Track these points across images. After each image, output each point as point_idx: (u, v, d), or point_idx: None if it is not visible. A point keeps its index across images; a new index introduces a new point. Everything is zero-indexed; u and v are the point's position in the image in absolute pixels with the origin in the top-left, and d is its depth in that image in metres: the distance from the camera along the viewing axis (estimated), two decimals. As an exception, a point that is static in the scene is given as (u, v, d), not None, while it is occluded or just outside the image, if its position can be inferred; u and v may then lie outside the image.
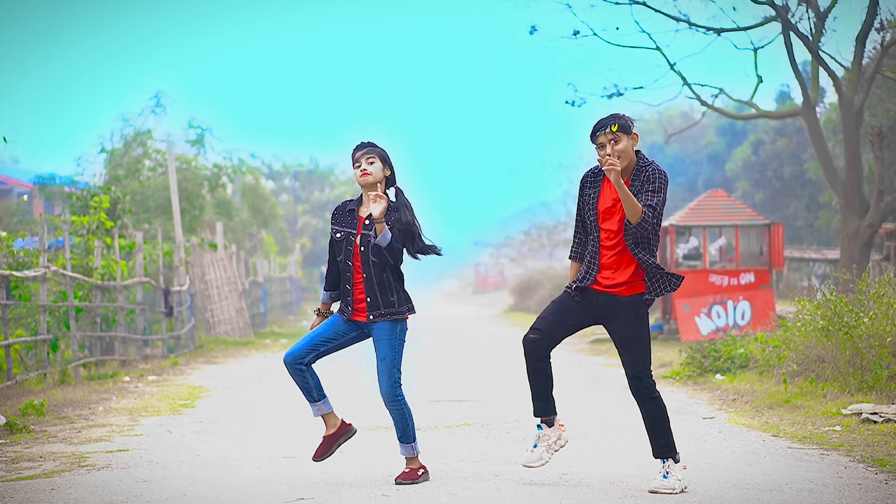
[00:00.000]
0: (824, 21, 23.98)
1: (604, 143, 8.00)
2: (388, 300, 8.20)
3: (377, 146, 8.32)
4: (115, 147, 34.92)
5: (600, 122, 8.06)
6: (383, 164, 8.28)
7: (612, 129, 7.99)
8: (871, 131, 24.08)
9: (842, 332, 13.65)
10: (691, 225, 25.25)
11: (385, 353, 8.22)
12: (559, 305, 8.19)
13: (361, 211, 8.32)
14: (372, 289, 8.17)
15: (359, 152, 8.28)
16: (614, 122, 8.00)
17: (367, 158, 8.24)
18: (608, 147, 7.99)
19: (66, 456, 9.95)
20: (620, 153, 7.99)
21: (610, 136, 8.00)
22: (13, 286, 15.75)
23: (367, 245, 8.16)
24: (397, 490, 7.95)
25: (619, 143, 8.00)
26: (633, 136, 8.07)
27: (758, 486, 8.10)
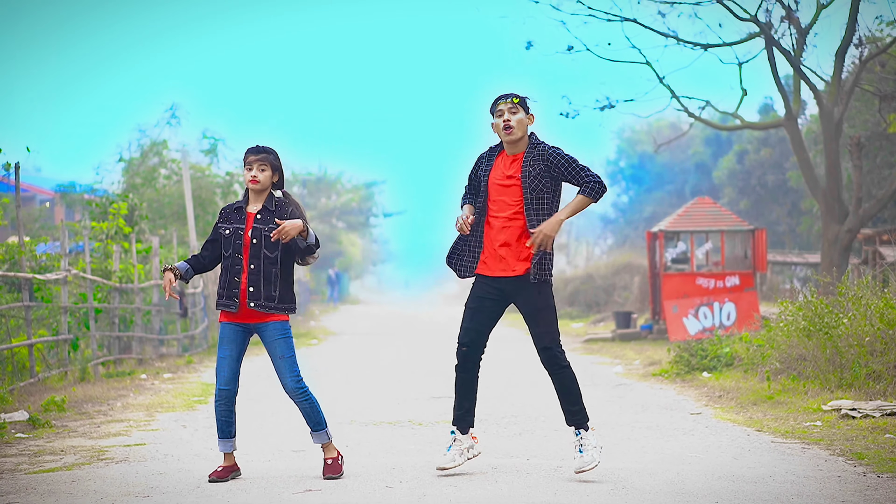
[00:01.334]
0: (805, 37, 24.00)
1: (503, 110, 8.13)
2: (270, 294, 8.12)
3: (270, 152, 8.25)
4: (133, 156, 34.94)
5: (503, 94, 8.20)
6: (273, 171, 8.22)
7: (514, 101, 8.13)
8: (850, 142, 24.10)
9: (822, 333, 13.64)
10: (679, 230, 25.26)
11: (283, 351, 8.18)
12: (473, 311, 8.23)
13: (250, 208, 8.24)
14: (257, 280, 8.10)
15: (252, 156, 8.19)
16: (516, 96, 8.15)
17: (259, 165, 8.18)
18: (506, 114, 8.09)
19: (86, 450, 9.95)
20: (517, 123, 8.10)
21: (510, 105, 8.13)
22: (36, 288, 15.75)
23: (259, 238, 8.10)
24: (400, 482, 7.95)
25: (517, 114, 8.13)
26: (530, 115, 8.20)
27: (743, 478, 8.10)
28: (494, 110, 8.21)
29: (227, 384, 8.16)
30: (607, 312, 36.33)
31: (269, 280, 8.13)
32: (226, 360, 8.17)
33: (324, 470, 8.24)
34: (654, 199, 58.28)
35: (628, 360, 20.55)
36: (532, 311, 8.13)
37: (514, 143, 8.18)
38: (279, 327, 8.18)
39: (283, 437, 10.61)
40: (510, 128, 8.10)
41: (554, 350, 8.10)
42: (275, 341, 8.18)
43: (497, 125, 8.18)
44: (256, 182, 8.17)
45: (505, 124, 8.11)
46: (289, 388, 8.19)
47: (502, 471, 8.39)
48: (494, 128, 8.23)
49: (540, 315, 8.12)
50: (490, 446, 9.90)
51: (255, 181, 8.17)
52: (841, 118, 23.73)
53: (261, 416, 12.32)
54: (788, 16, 23.80)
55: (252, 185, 8.19)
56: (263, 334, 8.21)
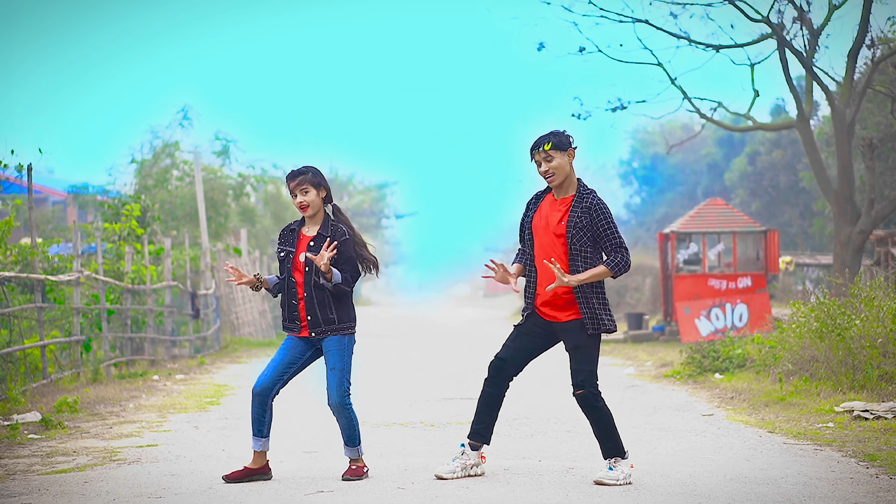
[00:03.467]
0: (818, 38, 23.96)
1: (539, 161, 8.00)
2: (328, 317, 8.10)
3: (307, 171, 8.17)
4: (145, 158, 34.98)
5: (537, 140, 8.04)
6: (317, 189, 8.14)
7: (545, 148, 7.96)
8: (863, 143, 24.05)
9: (834, 334, 13.62)
10: (691, 231, 25.23)
11: (335, 363, 8.15)
12: (521, 333, 8.18)
13: (304, 231, 8.23)
14: (313, 308, 8.09)
15: (292, 183, 8.14)
16: (547, 141, 7.96)
17: (300, 189, 8.12)
18: (543, 165, 7.98)
19: (99, 451, 9.97)
20: (555, 170, 7.96)
21: (543, 154, 7.98)
22: (48, 290, 15.78)
23: (310, 265, 8.07)
24: (412, 483, 7.95)
25: (553, 160, 7.96)
26: (569, 152, 8.01)
27: (755, 479, 8.09)
28: (533, 160, 8.07)
29: (263, 385, 8.16)
30: (619, 314, 36.29)
31: (323, 305, 8.11)
32: (274, 363, 8.20)
33: (345, 471, 8.23)
34: (667, 201, 58.23)
35: (640, 361, 20.54)
36: (572, 346, 8.04)
37: (560, 187, 8.06)
38: (337, 340, 8.14)
39: (296, 438, 10.62)
40: (551, 175, 7.98)
41: (588, 389, 8.00)
42: (329, 352, 8.17)
43: (541, 173, 8.05)
44: (306, 208, 8.12)
45: (545, 174, 7.99)
46: (331, 401, 8.17)
47: (514, 472, 8.39)
48: (540, 174, 8.10)
49: (579, 351, 8.03)
50: (502, 447, 9.89)
51: (305, 208, 8.12)
52: (853, 119, 23.68)
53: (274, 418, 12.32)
54: (800, 17, 23.76)
55: (303, 213, 8.16)
56: (325, 344, 8.19)
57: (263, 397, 8.19)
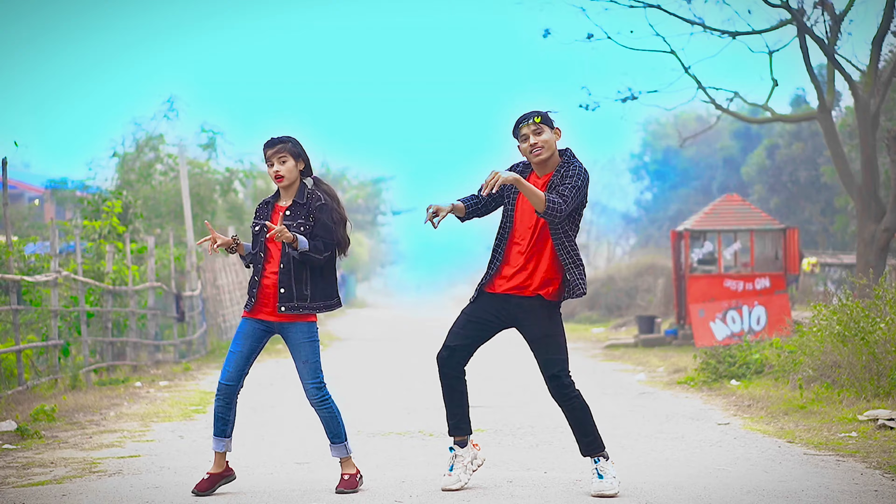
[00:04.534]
0: (840, 24, 23.97)
1: (527, 134, 8.02)
2: (303, 293, 8.06)
3: (288, 140, 8.14)
4: (127, 152, 35.02)
5: (523, 115, 8.08)
6: (295, 159, 8.12)
7: (536, 120, 8.01)
8: (888, 135, 24.03)
9: (858, 338, 13.63)
10: (706, 229, 25.24)
11: (307, 355, 8.13)
12: (468, 319, 8.17)
13: (280, 202, 8.20)
14: (288, 281, 8.02)
15: (269, 150, 8.12)
16: (537, 114, 8.03)
17: (278, 157, 8.10)
18: (531, 138, 8.01)
19: (78, 462, 9.97)
20: (544, 143, 8.00)
21: (533, 126, 8.02)
22: (24, 291, 15.78)
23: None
24: (410, 496, 7.95)
25: (542, 133, 8.02)
26: (555, 130, 8.08)
27: (773, 492, 8.09)
28: (518, 134, 8.08)
29: (231, 380, 8.14)
30: (629, 316, 36.33)
31: (300, 279, 8.06)
32: (235, 355, 8.14)
33: (338, 484, 8.21)
34: (680, 197, 58.25)
35: (652, 367, 20.55)
36: (539, 335, 8.05)
37: (544, 164, 8.10)
38: (306, 330, 8.13)
39: (287, 448, 10.62)
40: (539, 149, 8.02)
41: (563, 379, 8.03)
42: (300, 344, 8.14)
43: (524, 149, 8.06)
44: (281, 178, 8.10)
45: (532, 147, 8.02)
46: (309, 394, 8.17)
47: (518, 484, 8.39)
48: (522, 152, 8.11)
49: (548, 340, 8.05)
50: (506, 458, 9.90)
51: (280, 178, 8.10)
52: (878, 110, 23.69)
53: (264, 427, 12.34)
54: (822, 2, 23.78)
55: (278, 183, 8.13)
56: (288, 336, 8.15)
57: (231, 392, 8.16)
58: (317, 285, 8.13)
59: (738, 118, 29.42)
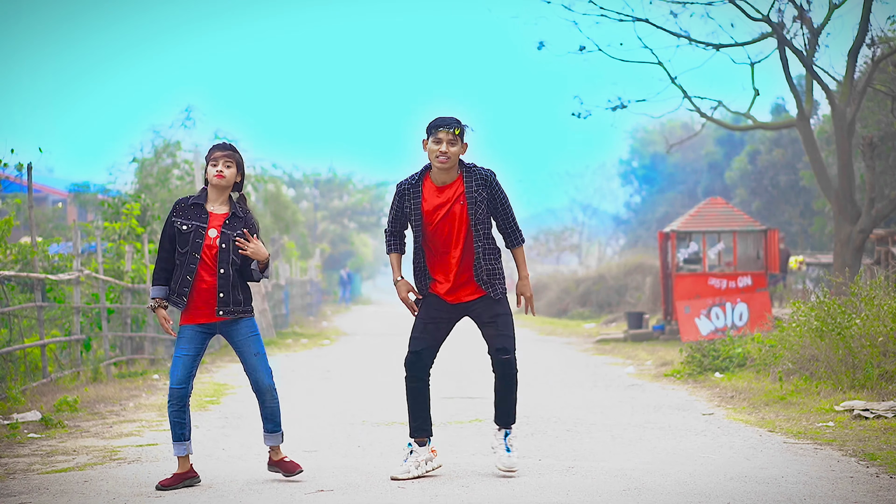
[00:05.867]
0: (818, 37, 23.95)
1: (442, 139, 7.99)
2: (237, 298, 8.10)
3: (237, 151, 8.21)
4: (146, 157, 35.00)
5: (445, 118, 8.06)
6: (238, 169, 8.17)
7: (455, 132, 8.00)
8: (863, 142, 24.02)
9: (835, 333, 13.62)
10: (691, 231, 25.23)
11: (257, 347, 8.17)
12: (425, 324, 8.22)
13: (210, 207, 8.17)
14: (226, 286, 8.05)
15: (219, 152, 8.13)
16: (458, 125, 8.02)
17: (225, 161, 8.11)
18: (444, 145, 7.99)
19: (99, 450, 9.97)
20: (452, 155, 8.01)
21: (451, 136, 8.01)
22: (48, 289, 15.78)
23: (228, 243, 8.05)
24: (412, 482, 7.95)
25: (455, 145, 8.03)
26: (464, 145, 8.11)
27: (755, 478, 8.09)
28: (432, 134, 8.04)
29: (181, 383, 8.08)
30: (619, 313, 36.31)
31: (236, 286, 8.11)
32: (181, 359, 8.08)
33: (285, 469, 8.19)
34: (667, 200, 58.21)
35: (640, 360, 20.54)
36: (490, 316, 8.14)
37: (446, 173, 8.10)
38: (249, 325, 8.18)
39: (295, 437, 10.61)
40: (446, 158, 8.00)
41: (512, 353, 8.14)
42: (247, 339, 8.16)
43: (432, 150, 8.04)
44: (222, 177, 8.09)
45: (440, 154, 8.00)
46: (264, 385, 8.17)
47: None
48: (428, 151, 8.08)
49: (499, 319, 8.15)
50: (502, 447, 9.89)
51: (221, 176, 8.09)
52: (853, 118, 23.67)
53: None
54: (801, 16, 23.74)
55: (217, 181, 8.09)
56: (233, 333, 8.14)
57: (183, 395, 8.11)
58: (246, 291, 8.20)
59: (722, 126, 29.37)
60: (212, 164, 8.14)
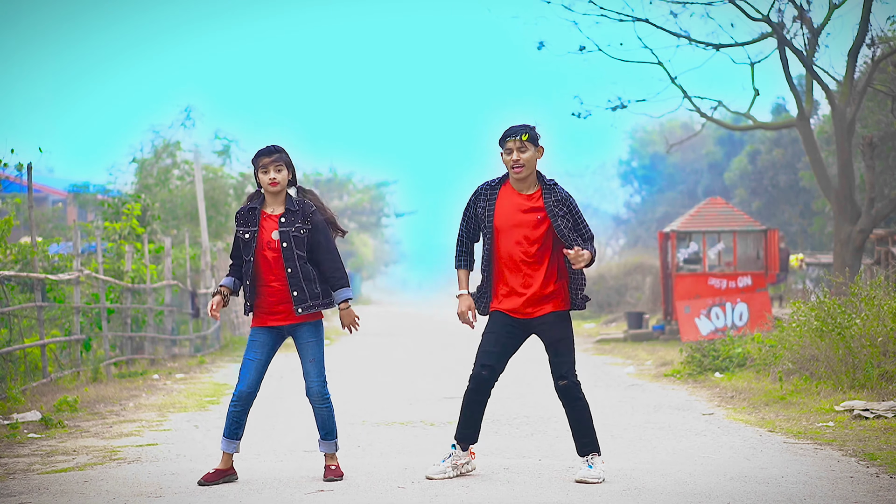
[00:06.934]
0: (818, 37, 23.95)
1: (512, 148, 7.97)
2: (314, 292, 8.08)
3: (282, 151, 8.17)
4: (146, 157, 35.00)
5: (512, 127, 8.02)
6: (288, 169, 8.15)
7: (523, 138, 7.96)
8: (863, 142, 24.03)
9: (835, 333, 13.62)
10: (691, 230, 25.23)
11: (315, 353, 8.13)
12: (496, 335, 8.11)
13: (267, 209, 8.16)
14: (298, 283, 8.04)
15: (266, 158, 8.09)
16: (525, 131, 7.97)
17: (275, 166, 8.09)
18: (515, 153, 7.96)
19: (99, 450, 9.97)
20: (526, 162, 7.97)
21: (519, 143, 7.97)
22: (48, 289, 15.77)
23: (289, 241, 8.04)
24: (412, 482, 7.95)
25: (526, 151, 7.97)
26: (539, 148, 8.04)
27: (755, 478, 8.09)
28: (503, 145, 8.03)
29: (250, 387, 8.09)
30: (619, 313, 36.29)
31: (308, 279, 8.08)
32: (253, 363, 8.11)
33: (325, 473, 8.19)
34: (667, 200, 58.20)
35: (640, 360, 20.54)
36: (552, 340, 8.06)
37: (523, 180, 8.07)
38: (313, 330, 8.15)
39: (296, 437, 10.61)
40: (521, 166, 7.98)
41: (572, 380, 8.02)
42: (307, 343, 8.14)
43: (507, 161, 8.02)
44: (277, 184, 8.07)
45: (514, 163, 7.98)
46: (314, 392, 8.14)
47: (514, 471, 8.39)
48: (504, 161, 8.06)
49: (560, 344, 8.05)
50: (502, 447, 9.90)
51: (276, 183, 8.07)
52: (853, 118, 23.67)
53: (273, 416, 12.33)
54: (801, 16, 23.75)
55: (272, 188, 8.08)
56: (297, 335, 8.15)
57: (249, 399, 8.13)
58: (323, 284, 8.16)
59: (722, 126, 29.38)
60: (262, 172, 8.11)
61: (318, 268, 8.15)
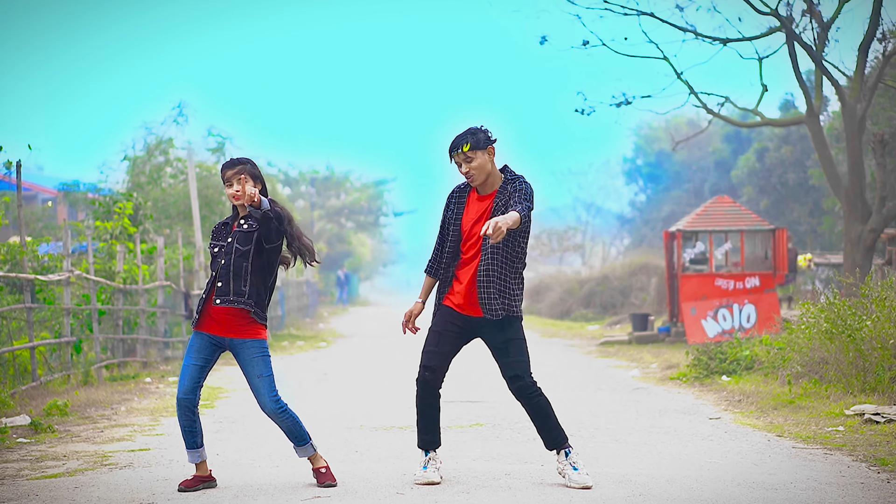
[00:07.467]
0: (828, 31, 23.94)
1: (459, 162, 8.00)
2: (240, 289, 8.00)
3: (246, 163, 8.11)
4: (138, 155, 35.01)
5: (454, 141, 8.03)
6: (254, 180, 8.07)
7: (464, 149, 7.96)
8: (874, 139, 24.03)
9: (845, 335, 13.62)
10: (698, 230, 25.22)
11: (261, 369, 8.05)
12: (440, 335, 8.14)
13: (237, 224, 8.14)
14: (226, 275, 8.00)
15: (230, 171, 8.07)
16: (465, 142, 7.96)
17: (237, 178, 8.05)
18: (463, 166, 7.99)
19: (90, 455, 9.97)
20: (476, 170, 7.97)
21: (462, 155, 7.98)
22: (38, 290, 15.78)
23: (233, 236, 8.03)
24: (411, 489, 7.95)
25: (473, 160, 7.97)
26: (488, 149, 8.02)
27: (763, 484, 8.09)
28: (451, 160, 8.07)
29: (188, 393, 8.06)
30: (624, 314, 36.31)
31: (238, 274, 8.02)
32: (189, 368, 8.06)
33: (319, 479, 8.19)
34: (672, 198, 58.21)
35: (645, 363, 20.54)
36: (501, 342, 8.06)
37: (483, 185, 8.07)
38: (257, 345, 8.08)
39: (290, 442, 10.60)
40: (471, 176, 7.99)
41: (526, 379, 8.05)
42: (253, 359, 8.06)
43: (461, 172, 8.06)
44: (239, 197, 8.05)
45: (465, 175, 8.01)
46: (269, 409, 8.09)
47: (516, 477, 8.39)
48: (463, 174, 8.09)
49: (510, 345, 8.06)
50: (504, 452, 9.90)
51: (238, 196, 8.06)
52: (864, 115, 23.67)
53: (267, 422, 12.32)
54: (810, 9, 23.75)
55: (235, 201, 8.09)
56: (240, 351, 8.08)
57: (191, 405, 8.09)
58: (254, 287, 8.07)
59: (729, 122, 29.39)
60: (227, 186, 8.10)
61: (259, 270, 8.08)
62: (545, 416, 8.10)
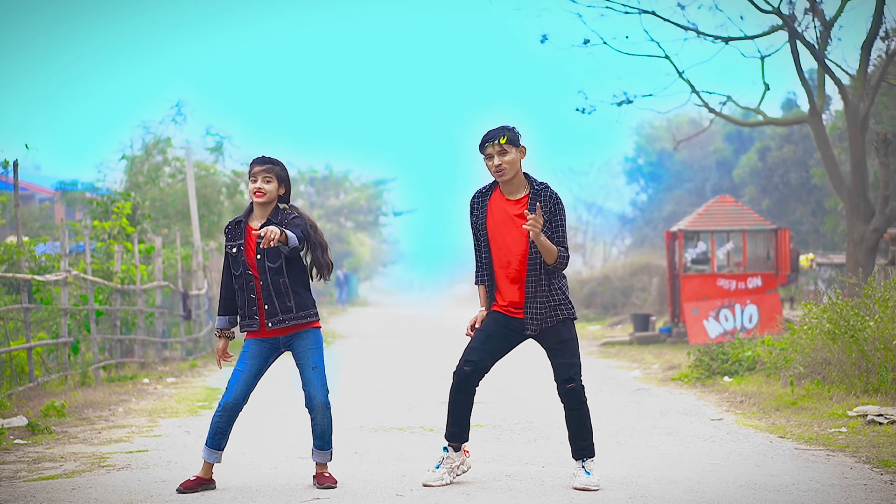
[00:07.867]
0: (830, 30, 23.95)
1: (492, 153, 7.99)
2: (286, 305, 8.01)
3: (277, 163, 8.10)
4: (136, 154, 35.00)
5: (489, 132, 8.03)
6: (279, 183, 8.06)
7: (501, 141, 7.98)
8: (877, 138, 24.03)
9: (847, 336, 13.62)
10: (699, 230, 25.23)
11: (316, 361, 8.10)
12: (487, 334, 8.13)
13: (251, 223, 8.12)
14: (269, 296, 8.00)
15: (258, 167, 8.05)
16: (503, 134, 7.99)
17: (264, 176, 8.02)
18: (496, 158, 7.98)
19: (87, 456, 9.96)
20: (508, 164, 7.98)
21: (498, 147, 7.98)
22: (35, 290, 15.77)
23: (262, 252, 7.98)
24: (411, 490, 7.95)
25: (507, 154, 7.98)
26: (520, 148, 8.05)
27: (765, 486, 8.09)
28: (483, 152, 8.06)
29: (237, 399, 8.10)
30: (625, 315, 36.29)
31: (280, 292, 8.02)
32: (243, 374, 8.11)
33: (318, 481, 8.17)
34: (674, 198, 58.20)
35: (647, 364, 20.54)
36: (557, 342, 8.07)
37: (509, 183, 8.09)
38: (312, 337, 8.12)
39: (290, 443, 10.61)
40: (503, 170, 7.99)
41: (577, 383, 8.02)
42: (308, 350, 8.11)
43: (489, 167, 8.05)
44: (262, 195, 8.02)
45: (496, 168, 8.01)
46: (319, 402, 8.10)
47: (517, 478, 8.38)
48: (487, 168, 8.08)
49: (566, 345, 8.07)
50: (504, 453, 9.89)
51: (261, 194, 8.02)
52: (867, 114, 23.68)
53: (266, 423, 12.33)
54: (812, 8, 23.76)
55: (257, 198, 8.04)
56: (295, 344, 8.12)
57: (235, 411, 8.14)
58: (298, 296, 8.08)
59: (731, 121, 29.41)
60: (251, 181, 8.07)
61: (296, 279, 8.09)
62: (583, 426, 8.06)
